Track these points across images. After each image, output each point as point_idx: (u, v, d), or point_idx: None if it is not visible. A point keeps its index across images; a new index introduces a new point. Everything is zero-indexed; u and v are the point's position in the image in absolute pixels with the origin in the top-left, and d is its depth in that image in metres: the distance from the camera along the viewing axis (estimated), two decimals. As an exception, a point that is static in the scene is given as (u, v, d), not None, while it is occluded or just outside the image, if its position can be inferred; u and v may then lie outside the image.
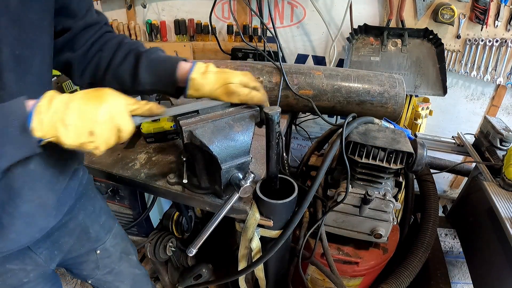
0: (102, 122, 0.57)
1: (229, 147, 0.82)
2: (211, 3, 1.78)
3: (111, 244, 1.04)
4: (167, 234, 1.59)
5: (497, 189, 1.16)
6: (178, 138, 1.26)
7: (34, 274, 0.84)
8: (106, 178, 1.12)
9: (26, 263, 0.81)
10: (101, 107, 0.57)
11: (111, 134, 0.60)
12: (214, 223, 0.85)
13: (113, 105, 0.59)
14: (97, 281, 1.06)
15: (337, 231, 1.19)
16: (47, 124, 0.54)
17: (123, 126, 0.60)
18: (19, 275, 0.81)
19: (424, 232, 1.29)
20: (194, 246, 0.84)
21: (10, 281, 0.79)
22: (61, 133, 0.55)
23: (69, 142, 0.56)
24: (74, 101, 0.56)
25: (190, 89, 0.82)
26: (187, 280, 1.65)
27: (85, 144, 0.57)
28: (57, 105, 0.55)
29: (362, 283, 1.29)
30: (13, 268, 0.79)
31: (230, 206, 0.86)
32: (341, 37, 1.95)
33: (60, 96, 0.56)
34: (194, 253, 0.84)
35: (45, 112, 0.54)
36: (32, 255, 0.82)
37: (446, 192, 2.44)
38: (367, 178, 1.12)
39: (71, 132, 0.55)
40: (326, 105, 1.39)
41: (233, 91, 0.81)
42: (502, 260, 1.13)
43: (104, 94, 0.59)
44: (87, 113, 0.56)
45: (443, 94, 1.79)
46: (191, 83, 0.81)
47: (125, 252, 1.10)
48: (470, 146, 1.47)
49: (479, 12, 1.68)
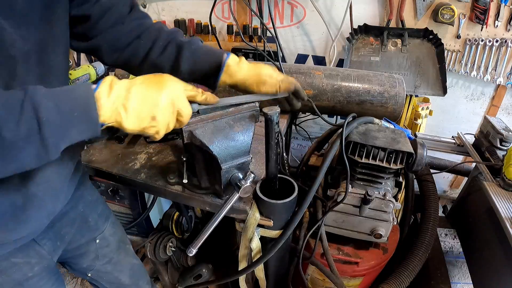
0: (163, 107, 0.59)
1: (229, 147, 0.82)
2: (211, 3, 1.78)
3: (109, 233, 1.07)
4: (167, 234, 1.59)
5: (497, 189, 1.16)
6: (178, 138, 1.26)
7: (39, 268, 0.85)
8: (106, 178, 1.12)
9: (30, 256, 0.82)
10: (162, 92, 0.58)
11: (172, 119, 0.62)
12: (214, 223, 0.85)
13: (173, 90, 0.60)
14: (97, 272, 1.07)
15: (337, 231, 1.19)
16: (109, 110, 0.55)
17: (183, 111, 0.62)
18: (23, 269, 0.81)
19: (424, 232, 1.29)
20: (194, 246, 0.84)
21: (15, 276, 0.80)
22: (123, 118, 0.56)
23: (131, 127, 0.57)
24: (135, 86, 0.57)
25: (224, 74, 0.85)
26: (187, 280, 1.65)
27: (147, 129, 0.59)
28: (119, 91, 0.56)
29: (362, 283, 1.30)
30: (18, 261, 0.80)
31: (230, 206, 0.86)
32: (341, 37, 1.95)
33: (120, 81, 0.57)
34: (194, 253, 0.84)
35: (106, 98, 0.55)
36: (36, 247, 0.84)
37: (446, 192, 2.44)
38: (367, 178, 1.12)
39: (133, 117, 0.56)
40: (326, 105, 1.39)
41: (265, 81, 0.86)
42: (502, 260, 1.13)
43: (164, 80, 0.61)
44: (149, 98, 0.57)
45: (443, 94, 1.79)
46: (226, 68, 0.84)
47: (122, 241, 1.13)
48: (470, 146, 1.47)
49: (479, 12, 1.68)
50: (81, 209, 0.96)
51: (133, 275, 1.17)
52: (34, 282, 0.84)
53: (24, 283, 0.82)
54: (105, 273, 1.09)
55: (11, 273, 0.79)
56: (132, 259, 1.18)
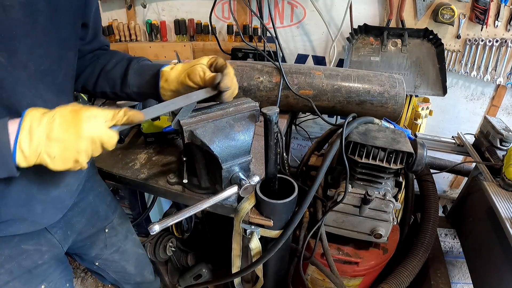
0: (85, 150, 0.59)
1: (230, 147, 0.82)
2: (211, 3, 1.78)
3: (118, 223, 1.11)
4: (167, 234, 1.59)
5: (497, 189, 1.16)
6: (178, 138, 1.26)
7: (49, 256, 0.87)
8: (106, 178, 1.12)
9: (41, 244, 0.85)
10: (81, 136, 0.58)
11: (95, 151, 0.62)
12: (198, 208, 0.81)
13: (92, 128, 0.59)
14: (104, 261, 1.11)
15: (337, 231, 1.19)
16: (33, 157, 0.56)
17: (106, 141, 0.62)
18: (34, 256, 0.83)
19: (424, 232, 1.29)
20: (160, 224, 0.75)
21: (25, 263, 0.81)
22: (47, 163, 0.57)
23: (56, 168, 0.59)
24: (53, 131, 0.56)
25: (162, 80, 0.86)
26: (187, 280, 1.65)
27: (72, 168, 0.60)
28: (39, 139, 0.55)
29: (362, 283, 1.30)
30: (28, 248, 0.82)
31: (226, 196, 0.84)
32: (341, 37, 1.95)
33: (39, 125, 0.56)
34: (155, 231, 0.73)
35: (28, 148, 0.55)
36: (47, 235, 0.86)
37: (446, 192, 2.44)
38: (367, 178, 1.12)
39: (58, 161, 0.58)
40: (326, 105, 1.39)
41: (194, 71, 0.80)
42: (502, 260, 1.13)
43: (81, 118, 0.58)
44: (69, 145, 0.57)
45: (443, 94, 1.79)
46: (162, 74, 0.85)
47: (129, 231, 1.17)
48: (470, 146, 1.47)
49: (479, 12, 1.68)
50: (91, 199, 1.00)
51: (138, 265, 1.21)
52: (43, 269, 0.86)
53: (33, 270, 0.83)
54: (112, 262, 1.12)
55: (21, 260, 0.80)
56: (138, 249, 1.22)
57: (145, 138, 1.25)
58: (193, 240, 1.83)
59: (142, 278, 1.26)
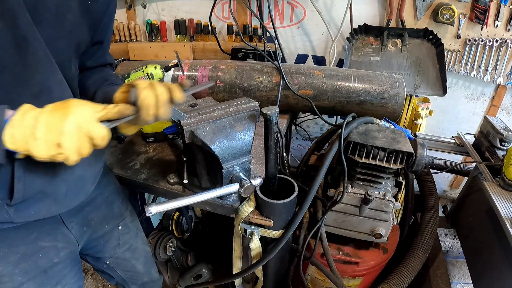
0: (68, 133, 0.57)
1: (230, 147, 0.82)
2: (211, 3, 1.78)
3: (129, 220, 1.12)
4: (167, 234, 1.59)
5: (497, 189, 1.16)
6: (178, 138, 1.26)
7: (65, 253, 0.87)
8: (106, 178, 1.12)
9: (58, 240, 0.85)
10: (66, 118, 0.57)
11: (82, 144, 0.59)
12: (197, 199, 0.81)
13: (79, 114, 0.58)
14: (115, 260, 1.10)
15: (337, 231, 1.19)
16: (19, 138, 0.55)
17: (94, 134, 0.60)
18: (50, 253, 0.83)
19: (424, 232, 1.29)
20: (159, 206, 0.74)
21: (41, 262, 0.81)
22: (32, 147, 0.55)
23: (40, 155, 0.56)
24: (42, 114, 0.56)
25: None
26: (187, 280, 1.65)
27: (54, 156, 0.57)
28: (28, 120, 0.55)
29: (362, 283, 1.30)
30: (45, 245, 0.82)
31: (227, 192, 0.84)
32: (341, 37, 1.95)
33: (33, 110, 0.56)
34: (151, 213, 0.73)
35: (18, 127, 0.54)
36: (64, 230, 0.86)
37: (446, 192, 2.44)
38: (367, 178, 1.12)
39: (41, 145, 0.56)
40: (326, 105, 1.39)
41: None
42: (502, 260, 1.13)
43: (70, 105, 0.59)
44: (53, 126, 0.56)
45: (443, 94, 1.79)
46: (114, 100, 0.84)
47: (139, 228, 1.18)
48: (470, 146, 1.47)
49: (479, 12, 1.68)
50: (107, 195, 1.00)
51: (146, 263, 1.21)
52: (59, 269, 0.86)
53: (48, 270, 0.83)
54: (123, 260, 1.12)
55: (37, 259, 0.80)
56: (146, 246, 1.23)
57: (145, 138, 1.25)
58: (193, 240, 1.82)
59: (149, 277, 1.25)
